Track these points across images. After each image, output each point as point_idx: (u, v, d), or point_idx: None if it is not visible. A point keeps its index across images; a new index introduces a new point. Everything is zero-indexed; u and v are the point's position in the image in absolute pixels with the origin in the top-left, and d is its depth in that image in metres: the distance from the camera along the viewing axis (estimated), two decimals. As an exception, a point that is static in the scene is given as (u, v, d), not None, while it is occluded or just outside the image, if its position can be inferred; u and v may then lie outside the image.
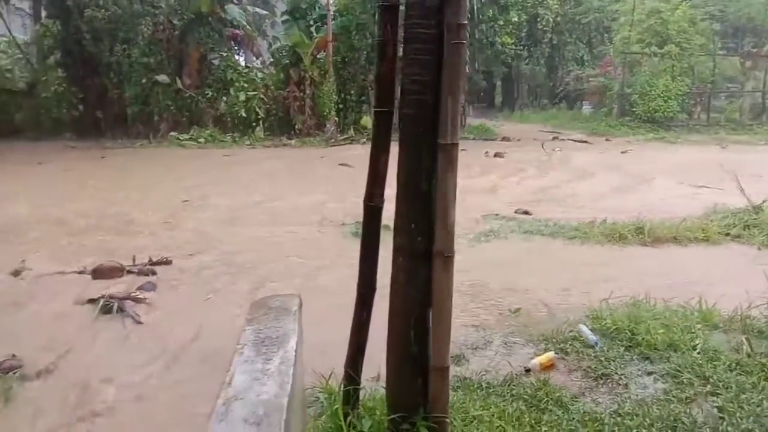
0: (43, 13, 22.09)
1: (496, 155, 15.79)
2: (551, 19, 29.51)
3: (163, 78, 18.96)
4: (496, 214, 8.51)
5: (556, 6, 28.77)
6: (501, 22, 22.35)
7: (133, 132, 19.06)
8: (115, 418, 3.49)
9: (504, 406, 3.29)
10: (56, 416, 3.50)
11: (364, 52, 19.97)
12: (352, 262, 6.01)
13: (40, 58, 21.80)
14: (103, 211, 8.68)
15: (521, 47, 28.81)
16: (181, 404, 3.62)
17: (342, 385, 3.01)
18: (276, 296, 2.54)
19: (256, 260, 6.35)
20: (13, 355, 4.05)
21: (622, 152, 17.00)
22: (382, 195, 2.83)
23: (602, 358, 3.89)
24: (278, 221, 8.15)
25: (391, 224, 2.77)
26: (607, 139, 20.72)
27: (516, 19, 23.57)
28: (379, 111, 2.75)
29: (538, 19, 29.68)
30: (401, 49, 2.71)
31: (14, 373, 3.86)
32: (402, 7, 2.67)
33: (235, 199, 9.56)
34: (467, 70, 20.35)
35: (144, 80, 18.90)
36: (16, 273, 5.87)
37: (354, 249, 6.47)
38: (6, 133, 19.23)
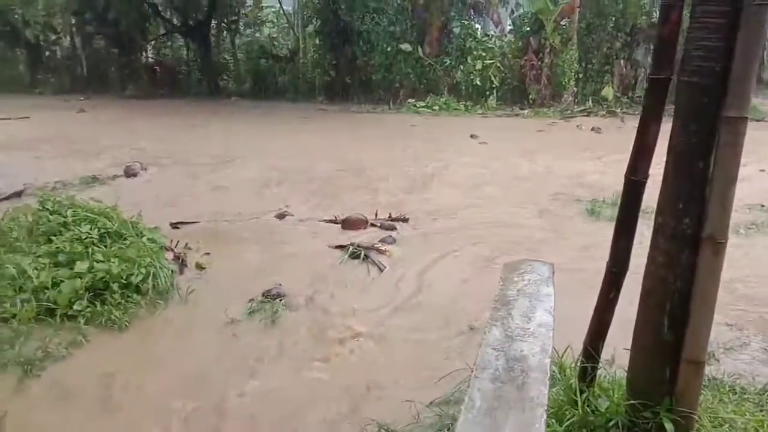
0: (307, -15, 24.50)
1: None
2: None
3: (406, 46, 19.83)
4: (762, 205, 7.43)
5: None
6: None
7: (375, 98, 20.37)
8: (360, 348, 3.91)
9: (762, 416, 2.94)
10: (311, 340, 4.03)
11: (612, 19, 18.60)
12: (584, 241, 5.87)
13: (300, 27, 24.35)
14: (352, 168, 9.49)
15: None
16: (415, 348, 3.90)
17: (579, 361, 2.95)
18: (528, 260, 2.56)
19: (487, 228, 6.43)
20: (280, 284, 4.72)
21: None
22: (647, 170, 2.65)
23: None
24: (511, 192, 8.12)
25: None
26: None
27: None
28: (654, 78, 2.56)
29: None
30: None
31: (280, 300, 4.50)
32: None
33: (469, 168, 9.73)
34: None
35: (389, 48, 19.97)
36: (280, 216, 6.77)
37: (589, 227, 6.33)
38: (271, 94, 22.02)
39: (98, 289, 4.27)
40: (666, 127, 2.53)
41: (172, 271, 4.81)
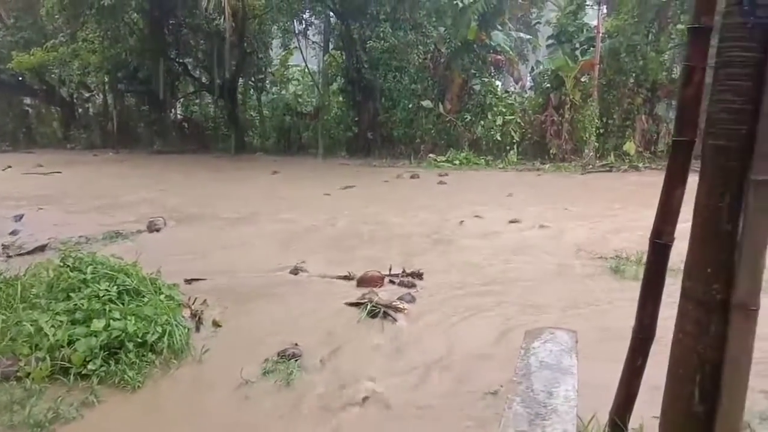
0: (331, 45, 25.29)
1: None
2: None
3: (427, 103, 20.19)
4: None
5: None
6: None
7: (396, 152, 20.61)
8: (375, 413, 3.77)
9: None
10: (324, 402, 3.90)
11: (633, 75, 18.76)
12: (610, 300, 5.70)
13: (324, 85, 25.00)
14: (367, 221, 9.48)
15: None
16: (434, 414, 3.74)
17: (605, 432, 2.80)
18: (550, 328, 2.46)
19: (506, 286, 6.31)
20: (296, 344, 4.63)
21: None
22: (672, 232, 2.58)
23: None
24: (533, 248, 8.00)
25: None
26: None
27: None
28: (678, 140, 2.51)
29: None
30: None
31: (295, 360, 4.40)
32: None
33: (488, 223, 9.66)
34: None
35: (410, 105, 20.33)
36: (294, 272, 6.72)
37: (612, 286, 6.15)
38: (295, 150, 22.44)
39: (113, 347, 4.23)
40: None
41: (188, 329, 4.76)
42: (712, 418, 2.43)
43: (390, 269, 6.45)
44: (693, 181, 2.52)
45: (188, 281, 6.09)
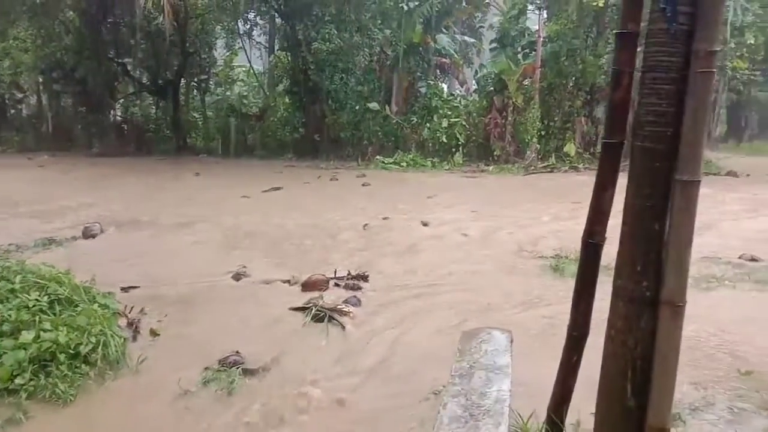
0: (277, 46, 25.03)
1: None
2: (796, 40, 25.78)
3: (374, 105, 20.24)
4: (719, 258, 7.55)
5: (804, 24, 25.08)
6: (733, 45, 20.09)
7: (343, 154, 20.57)
8: (320, 417, 3.72)
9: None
10: (268, 409, 3.83)
11: (573, 78, 19.34)
12: (549, 299, 5.84)
13: (270, 86, 24.69)
14: (313, 226, 9.41)
15: (755, 72, 25.57)
16: (378, 416, 3.74)
17: (544, 429, 2.85)
18: (487, 329, 2.49)
19: (449, 286, 6.38)
20: (237, 352, 4.53)
21: None
22: (603, 232, 2.66)
23: None
24: (474, 248, 8.11)
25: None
26: None
27: (752, 42, 21.02)
28: (608, 143, 2.59)
29: (779, 40, 26.16)
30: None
31: (237, 368, 4.31)
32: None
33: (432, 223, 9.74)
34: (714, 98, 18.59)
35: (357, 107, 20.33)
36: (237, 277, 6.59)
37: (551, 284, 6.30)
38: (240, 152, 22.07)
39: (44, 360, 4.03)
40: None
41: (124, 339, 4.59)
42: (644, 411, 2.51)
43: (335, 272, 6.41)
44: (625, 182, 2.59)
45: (125, 289, 5.88)
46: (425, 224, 9.50)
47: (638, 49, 2.62)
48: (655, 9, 2.42)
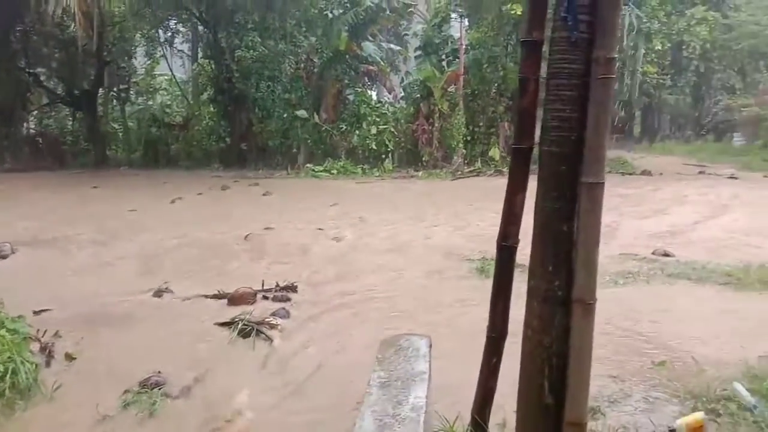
0: (200, 54, 24.45)
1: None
2: (698, 46, 27.55)
3: (302, 113, 20.08)
4: (635, 255, 7.94)
5: (705, 33, 26.84)
6: (643, 51, 21.23)
7: (273, 163, 20.29)
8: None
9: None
10: (191, 431, 3.70)
11: (495, 85, 19.88)
12: (476, 301, 5.95)
13: (195, 95, 24.08)
14: (238, 235, 9.22)
15: (664, 76, 27.14)
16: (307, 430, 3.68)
17: (468, 431, 2.89)
18: (406, 335, 2.50)
19: (380, 293, 6.40)
20: (159, 372, 4.36)
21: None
22: (517, 235, 2.73)
23: (763, 425, 3.42)
24: (402, 252, 8.18)
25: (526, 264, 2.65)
26: (766, 176, 18.66)
27: (659, 47, 22.28)
28: (517, 148, 2.66)
29: (684, 47, 27.88)
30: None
31: (159, 389, 4.15)
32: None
33: (364, 230, 9.77)
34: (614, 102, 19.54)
35: (285, 115, 20.11)
36: (158, 294, 6.35)
37: (478, 286, 6.43)
38: (164, 163, 21.37)
39: (-57, 393, 3.75)
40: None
41: (36, 365, 4.33)
42: (562, 407, 2.58)
43: (263, 284, 6.30)
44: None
45: (37, 312, 5.54)
46: (337, 239, 9.33)
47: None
48: (557, 18, 2.51)
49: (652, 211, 11.90)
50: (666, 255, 7.96)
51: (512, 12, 17.96)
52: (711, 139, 30.10)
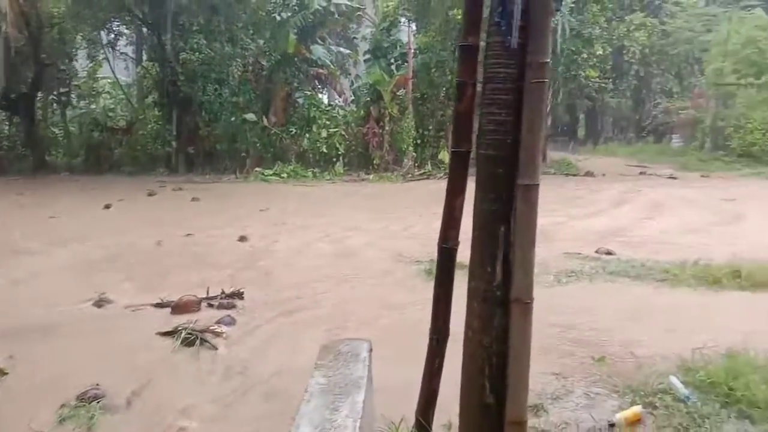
0: (144, 57, 23.83)
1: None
2: (638, 51, 28.62)
3: (250, 116, 19.83)
4: (578, 253, 8.15)
5: (643, 38, 27.88)
6: (585, 56, 21.88)
7: (221, 167, 19.96)
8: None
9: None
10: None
11: (443, 89, 20.12)
12: (422, 302, 5.98)
13: (139, 98, 23.45)
14: (182, 243, 9.02)
15: (606, 80, 28.06)
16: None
17: (413, 433, 2.90)
18: (346, 341, 2.49)
19: (328, 296, 6.37)
20: (97, 385, 4.20)
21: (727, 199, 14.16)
22: (456, 237, 2.75)
23: (696, 415, 3.56)
24: (352, 256, 8.17)
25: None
26: (703, 176, 19.54)
27: (600, 52, 23.01)
28: (456, 151, 2.69)
29: (624, 52, 28.90)
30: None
31: (97, 402, 3.99)
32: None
33: (310, 234, 9.71)
34: (549, 106, 20.02)
35: (233, 118, 19.82)
36: (98, 304, 6.12)
37: (425, 288, 6.45)
38: (107, 168, 20.72)
39: None
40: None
41: (-38, 382, 4.12)
42: (503, 406, 2.62)
43: (207, 291, 6.16)
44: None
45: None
46: (277, 243, 9.23)
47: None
48: (491, 23, 2.56)
49: (595, 211, 12.27)
50: (609, 253, 8.21)
51: (458, 17, 18.20)
52: (651, 140, 31.31)
